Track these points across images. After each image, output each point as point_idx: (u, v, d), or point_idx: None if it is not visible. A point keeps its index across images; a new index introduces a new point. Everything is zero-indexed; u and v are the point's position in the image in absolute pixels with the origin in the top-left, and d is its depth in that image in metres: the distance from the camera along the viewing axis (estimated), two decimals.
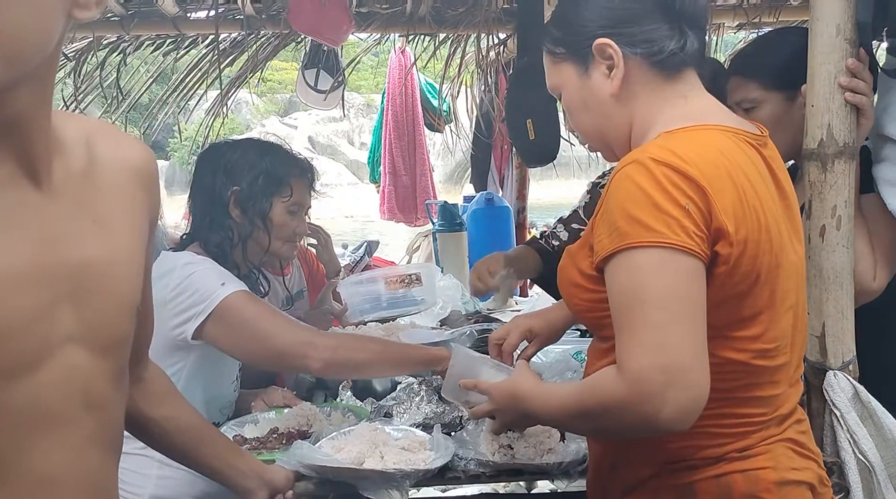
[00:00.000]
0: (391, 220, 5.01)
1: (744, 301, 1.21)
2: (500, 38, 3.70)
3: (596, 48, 1.31)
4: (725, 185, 1.17)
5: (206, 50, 3.70)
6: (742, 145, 1.25)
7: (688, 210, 1.13)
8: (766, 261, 1.21)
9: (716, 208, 1.15)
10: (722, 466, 1.26)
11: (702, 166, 1.16)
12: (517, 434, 1.75)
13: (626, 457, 1.34)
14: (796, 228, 1.34)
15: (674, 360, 1.10)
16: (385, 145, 4.88)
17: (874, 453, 1.62)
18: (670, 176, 1.14)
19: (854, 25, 1.61)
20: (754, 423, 1.27)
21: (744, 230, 1.17)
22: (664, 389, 1.09)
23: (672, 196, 1.13)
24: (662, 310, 1.11)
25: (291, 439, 1.83)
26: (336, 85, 3.93)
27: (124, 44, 3.59)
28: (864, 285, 1.73)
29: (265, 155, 2.02)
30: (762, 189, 1.23)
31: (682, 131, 1.25)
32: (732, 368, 1.23)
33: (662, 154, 1.17)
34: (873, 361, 1.72)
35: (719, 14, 3.64)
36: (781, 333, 1.26)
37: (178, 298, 1.79)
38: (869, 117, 1.67)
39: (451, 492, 3.19)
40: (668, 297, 1.12)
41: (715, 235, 1.16)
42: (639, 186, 1.15)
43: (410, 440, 1.74)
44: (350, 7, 3.24)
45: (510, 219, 4.13)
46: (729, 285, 1.18)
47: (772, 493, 1.25)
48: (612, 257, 1.17)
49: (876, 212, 1.76)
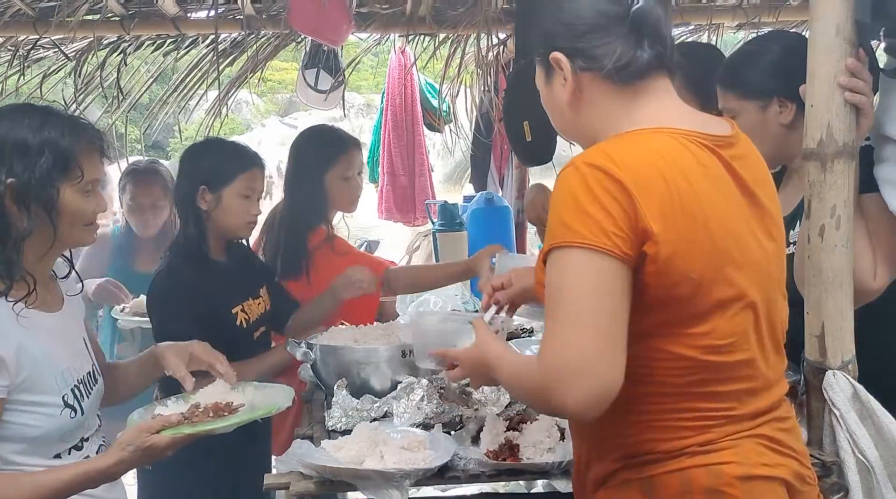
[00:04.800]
0: (389, 219, 5.00)
1: (689, 299, 1.25)
2: (500, 38, 3.70)
3: (552, 60, 1.39)
4: (656, 187, 1.22)
5: (206, 50, 3.70)
6: (691, 148, 1.29)
7: (611, 212, 1.20)
8: (708, 261, 1.24)
9: (641, 210, 1.20)
10: (683, 460, 1.29)
11: (632, 169, 1.22)
12: (517, 434, 1.76)
13: (596, 452, 1.38)
14: (767, 226, 1.36)
15: (576, 356, 1.18)
16: (384, 145, 4.87)
17: (873, 452, 1.62)
18: (599, 179, 1.22)
19: (853, 25, 1.61)
20: (717, 418, 1.30)
21: (674, 231, 1.22)
22: (567, 382, 1.18)
23: (598, 199, 1.21)
24: (574, 308, 1.20)
25: (219, 411, 1.76)
26: (336, 85, 3.93)
27: (124, 44, 3.59)
28: (864, 285, 1.73)
29: (40, 129, 1.65)
30: (708, 190, 1.26)
31: (628, 135, 1.32)
32: (683, 364, 1.27)
33: (596, 158, 1.25)
34: (873, 360, 1.72)
35: (719, 14, 3.65)
36: (736, 330, 1.29)
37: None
38: (868, 117, 1.67)
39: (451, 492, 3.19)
40: (582, 296, 1.20)
41: (641, 236, 1.21)
42: (569, 189, 1.24)
43: (410, 440, 1.74)
44: (350, 7, 3.24)
45: (510, 219, 4.13)
46: (666, 285, 1.23)
47: (735, 487, 1.27)
48: (548, 255, 1.26)
49: (876, 212, 1.77)
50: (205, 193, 2.38)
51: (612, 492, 1.35)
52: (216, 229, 2.44)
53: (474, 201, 4.23)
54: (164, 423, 1.65)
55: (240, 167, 2.42)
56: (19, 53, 3.40)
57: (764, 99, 1.92)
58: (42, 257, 1.70)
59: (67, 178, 1.66)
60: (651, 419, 1.29)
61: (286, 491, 1.66)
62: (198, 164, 2.44)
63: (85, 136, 1.71)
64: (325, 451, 1.73)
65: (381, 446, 1.71)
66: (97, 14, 3.25)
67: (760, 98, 1.93)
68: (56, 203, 1.64)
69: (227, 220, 2.42)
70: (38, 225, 1.63)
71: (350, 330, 2.40)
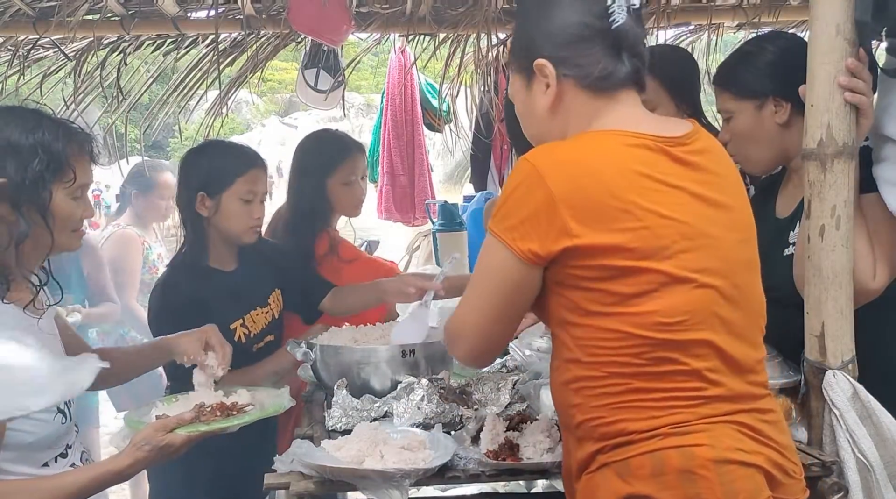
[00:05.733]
0: (388, 219, 5.00)
1: (627, 280, 1.33)
2: (500, 38, 3.70)
3: (536, 67, 1.47)
4: (582, 184, 1.33)
5: (206, 50, 3.69)
6: (637, 148, 1.38)
7: (531, 216, 1.34)
8: (645, 246, 1.33)
9: (559, 209, 1.32)
10: (656, 441, 1.32)
11: (560, 167, 1.35)
12: (517, 433, 1.76)
13: (575, 436, 1.43)
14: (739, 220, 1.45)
15: (456, 326, 1.49)
16: (384, 145, 4.87)
17: (873, 452, 1.63)
18: (530, 175, 1.36)
19: (853, 25, 1.61)
20: (685, 398, 1.34)
21: (601, 223, 1.32)
22: (455, 340, 1.51)
23: (524, 200, 1.36)
24: (476, 288, 1.45)
25: (226, 410, 1.78)
26: (336, 85, 3.93)
27: (124, 44, 3.58)
28: (864, 285, 1.73)
29: (33, 131, 1.65)
30: (645, 185, 1.35)
31: (578, 136, 1.44)
32: (636, 342, 1.34)
33: (536, 155, 1.39)
34: (873, 360, 1.73)
35: (719, 14, 3.64)
36: (689, 308, 1.34)
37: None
38: (868, 117, 1.68)
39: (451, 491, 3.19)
40: (480, 279, 1.44)
41: (557, 234, 1.33)
42: (510, 182, 1.40)
43: (410, 440, 1.74)
44: (350, 7, 3.24)
45: None
46: (597, 267, 1.33)
47: (708, 470, 1.29)
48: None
49: (876, 212, 1.77)
50: (204, 200, 2.32)
51: (591, 476, 1.38)
52: (219, 236, 2.37)
53: (474, 201, 4.23)
54: (178, 421, 1.67)
55: (238, 170, 2.35)
56: (19, 53, 3.39)
57: (759, 99, 1.94)
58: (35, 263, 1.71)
59: (60, 180, 1.65)
60: (619, 401, 1.35)
61: (286, 491, 1.66)
62: (195, 169, 2.38)
63: (77, 139, 1.71)
64: (325, 451, 1.73)
65: (381, 445, 1.71)
66: (97, 14, 3.25)
67: (756, 98, 1.94)
68: (48, 205, 1.64)
69: (229, 226, 2.35)
70: (32, 228, 1.62)
71: (350, 330, 2.40)
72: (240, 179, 2.34)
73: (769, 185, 2.15)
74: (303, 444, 1.72)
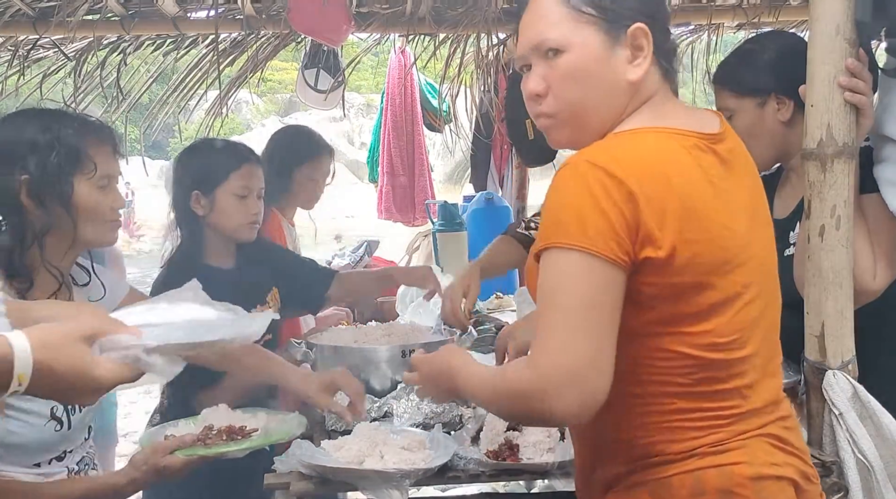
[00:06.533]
0: (388, 219, 5.00)
1: (690, 298, 1.24)
2: (500, 38, 3.69)
3: (633, 31, 1.29)
4: (657, 188, 1.20)
5: (206, 50, 3.69)
6: (688, 148, 1.27)
7: (610, 216, 1.18)
8: (710, 259, 1.23)
9: (644, 214, 1.19)
10: (695, 460, 1.27)
11: (634, 170, 1.20)
12: (517, 433, 1.76)
13: (603, 455, 1.36)
14: (764, 221, 1.37)
15: (572, 361, 1.17)
16: (384, 145, 4.88)
17: (873, 452, 1.62)
18: (602, 179, 1.19)
19: (853, 25, 1.61)
20: (725, 416, 1.29)
21: (676, 233, 1.20)
22: (561, 386, 1.17)
23: (598, 201, 1.18)
24: (570, 313, 1.18)
25: (232, 434, 1.76)
26: (336, 85, 3.93)
27: (124, 44, 3.58)
28: (864, 285, 1.73)
29: (51, 127, 1.69)
30: (704, 189, 1.25)
31: (629, 133, 1.29)
32: (688, 363, 1.26)
33: (599, 157, 1.21)
34: (873, 360, 1.73)
35: (719, 14, 3.64)
36: (739, 327, 1.28)
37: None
38: (868, 117, 1.67)
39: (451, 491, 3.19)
40: (578, 301, 1.18)
41: (643, 240, 1.19)
42: (570, 189, 1.21)
43: (410, 440, 1.74)
44: (350, 7, 3.24)
45: (510, 219, 4.13)
46: (665, 286, 1.22)
47: (746, 488, 1.26)
48: (541, 254, 1.23)
49: (877, 212, 1.77)
50: (199, 198, 2.31)
51: (620, 495, 1.33)
52: (215, 234, 2.36)
53: (474, 201, 4.23)
54: (178, 444, 1.65)
55: (231, 166, 2.33)
56: (19, 53, 3.39)
57: (761, 96, 1.93)
58: (63, 257, 1.72)
59: (81, 171, 1.68)
60: (660, 421, 1.28)
61: (286, 491, 1.66)
62: (188, 168, 2.37)
63: (95, 131, 1.74)
64: (325, 451, 1.73)
65: (381, 446, 1.71)
66: (97, 14, 3.25)
67: (758, 95, 1.93)
68: (71, 197, 1.67)
69: (225, 222, 2.33)
70: (56, 221, 1.65)
71: (350, 330, 2.40)
72: (233, 175, 2.33)
73: (765, 185, 2.15)
74: (303, 444, 1.72)
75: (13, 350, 1.01)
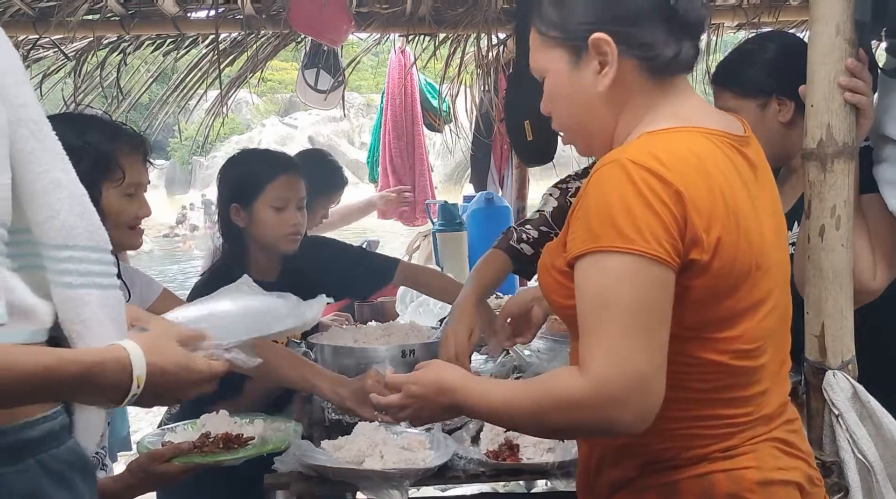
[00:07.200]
0: (388, 219, 5.00)
1: (721, 303, 1.22)
2: (500, 38, 3.70)
3: (592, 42, 1.27)
4: (702, 189, 1.18)
5: (206, 50, 3.69)
6: (723, 148, 1.26)
7: (662, 217, 1.14)
8: (744, 263, 1.22)
9: (692, 215, 1.16)
10: (705, 465, 1.27)
11: (680, 170, 1.17)
12: (517, 433, 1.76)
13: (612, 457, 1.35)
14: (783, 228, 1.36)
15: (636, 368, 1.13)
16: (384, 145, 4.87)
17: (873, 452, 1.62)
18: (648, 180, 1.15)
19: (853, 25, 1.61)
20: (738, 423, 1.28)
21: (719, 235, 1.18)
22: (627, 395, 1.13)
23: (648, 201, 1.15)
24: (628, 318, 1.14)
25: (229, 442, 1.77)
26: (336, 85, 3.93)
27: (124, 44, 3.58)
28: (864, 285, 1.73)
29: (83, 133, 1.70)
30: (740, 191, 1.24)
31: (664, 132, 1.26)
32: (713, 370, 1.24)
33: (642, 156, 1.18)
34: (873, 360, 1.72)
35: (719, 14, 3.64)
36: (763, 333, 1.27)
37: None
38: (868, 117, 1.67)
39: (451, 492, 3.19)
40: (636, 306, 1.14)
41: (690, 242, 1.17)
42: (615, 189, 1.16)
43: (410, 440, 1.75)
44: (350, 7, 3.24)
45: (510, 219, 4.12)
46: (704, 288, 1.20)
47: (755, 493, 1.26)
48: (583, 257, 1.18)
49: (877, 212, 1.77)
50: (238, 211, 2.30)
51: (626, 498, 1.33)
52: (257, 247, 2.34)
53: (474, 201, 4.23)
54: (175, 451, 1.66)
55: (267, 177, 2.31)
56: (19, 53, 3.40)
57: (763, 97, 1.92)
58: None
59: (109, 179, 1.73)
60: (676, 427, 1.26)
61: (286, 491, 1.66)
62: (227, 181, 2.36)
63: (126, 140, 1.80)
64: (325, 451, 1.73)
65: (381, 446, 1.71)
66: (97, 14, 3.25)
67: (760, 97, 1.93)
68: (98, 204, 1.64)
69: (264, 235, 2.31)
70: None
71: (350, 330, 2.41)
72: (269, 187, 2.30)
73: None
74: (303, 444, 1.73)
75: (129, 355, 1.07)
